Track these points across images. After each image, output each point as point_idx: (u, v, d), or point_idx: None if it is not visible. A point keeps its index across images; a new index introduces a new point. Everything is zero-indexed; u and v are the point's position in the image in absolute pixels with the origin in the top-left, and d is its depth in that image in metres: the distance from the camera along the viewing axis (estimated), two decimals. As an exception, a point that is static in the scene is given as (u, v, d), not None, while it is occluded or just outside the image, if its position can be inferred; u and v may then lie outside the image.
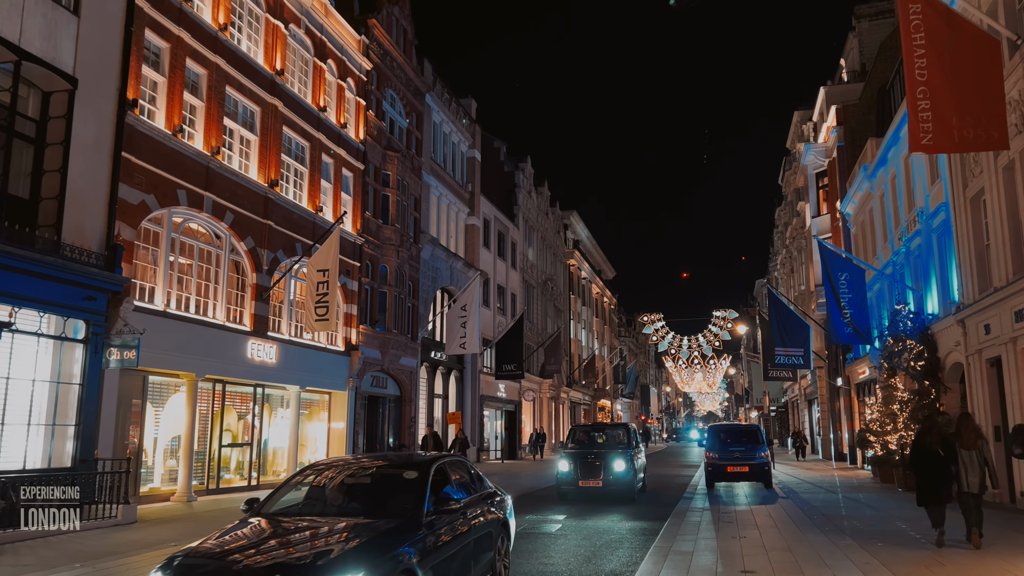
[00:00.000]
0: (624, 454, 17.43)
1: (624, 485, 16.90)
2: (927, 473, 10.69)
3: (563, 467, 17.46)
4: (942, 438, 10.76)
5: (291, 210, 20.60)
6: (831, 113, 33.41)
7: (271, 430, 21.20)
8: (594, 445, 19.02)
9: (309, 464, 7.86)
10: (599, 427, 22.22)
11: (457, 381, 34.20)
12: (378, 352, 25.12)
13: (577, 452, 17.75)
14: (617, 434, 19.79)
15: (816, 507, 15.76)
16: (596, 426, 22.65)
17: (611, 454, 17.28)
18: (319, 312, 19.01)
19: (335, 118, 23.43)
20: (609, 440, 19.54)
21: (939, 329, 19.05)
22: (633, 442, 18.77)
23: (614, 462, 16.98)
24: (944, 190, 18.13)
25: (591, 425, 23.18)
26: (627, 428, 19.70)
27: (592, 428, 21.46)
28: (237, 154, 18.85)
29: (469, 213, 35.88)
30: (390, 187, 26.34)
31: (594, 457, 17.25)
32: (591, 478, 16.90)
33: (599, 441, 19.63)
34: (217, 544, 5.68)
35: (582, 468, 17.06)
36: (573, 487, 17.12)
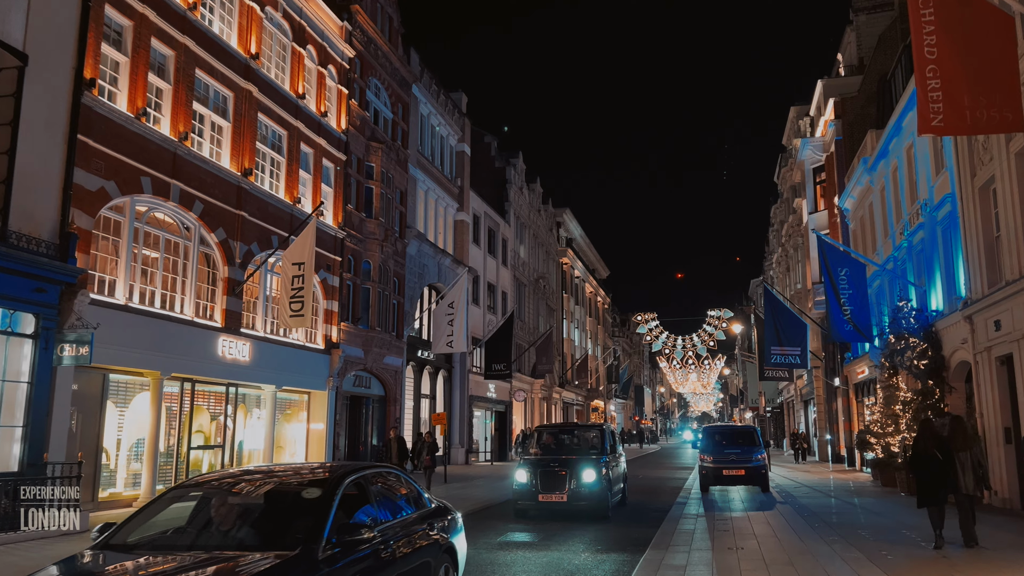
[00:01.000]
0: (596, 461, 14.70)
1: (594, 499, 14.16)
2: (925, 475, 10.76)
3: (520, 477, 14.54)
4: (938, 440, 10.84)
5: (267, 201, 19.66)
6: (829, 106, 32.61)
7: (246, 431, 20.25)
8: (561, 450, 16.16)
9: (190, 479, 6.15)
10: (568, 428, 19.56)
11: (445, 381, 33.29)
12: (360, 350, 24.19)
13: (539, 459, 15.11)
14: (589, 436, 16.94)
15: (816, 513, 14.90)
16: (565, 427, 19.80)
17: (580, 462, 14.53)
18: (294, 307, 18.07)
19: (315, 106, 22.50)
20: (580, 444, 16.83)
21: (944, 326, 18.22)
22: (608, 446, 15.89)
23: (583, 471, 14.19)
24: (950, 180, 17.29)
25: (559, 426, 20.05)
26: (601, 430, 16.67)
27: (560, 429, 18.58)
28: (208, 141, 17.91)
29: (458, 209, 34.97)
30: (374, 179, 25.41)
31: (558, 465, 14.46)
32: (554, 491, 14.10)
33: (568, 445, 16.80)
34: None
35: (543, 479, 14.26)
36: (532, 503, 14.31)
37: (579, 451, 15.97)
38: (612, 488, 14.97)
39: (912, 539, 11.30)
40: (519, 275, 44.69)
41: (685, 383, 78.85)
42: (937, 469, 10.59)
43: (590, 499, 14.14)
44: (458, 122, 35.38)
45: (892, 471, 19.59)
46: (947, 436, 10.93)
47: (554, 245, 55.01)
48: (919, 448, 10.91)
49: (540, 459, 15.10)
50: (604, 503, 14.32)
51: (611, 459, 15.67)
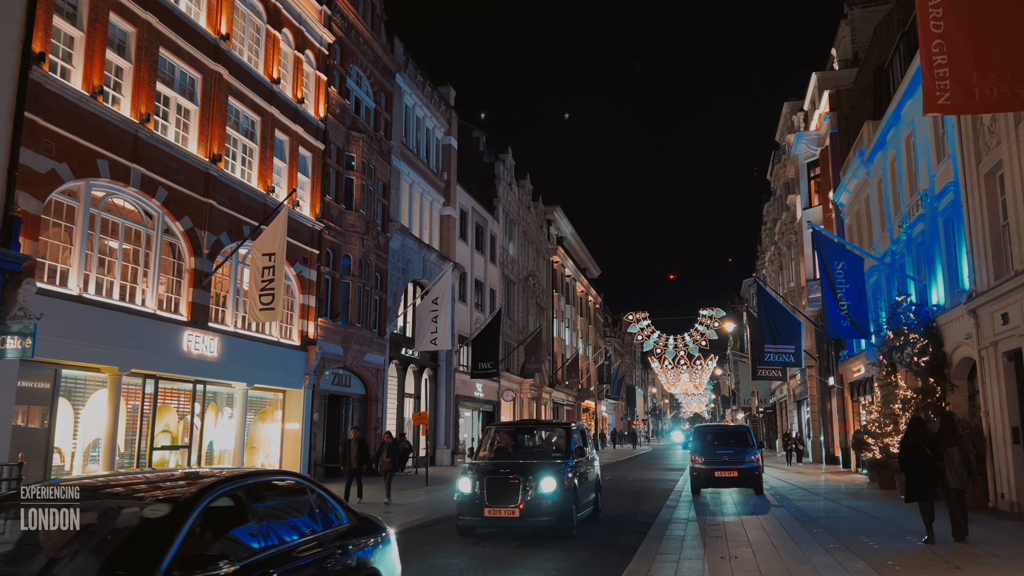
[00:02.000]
0: (558, 467, 12.20)
1: (554, 514, 11.61)
2: (915, 471, 10.95)
3: (463, 487, 11.94)
4: (927, 436, 11.11)
5: (238, 189, 18.73)
6: (823, 99, 31.87)
7: (217, 431, 19.32)
8: (518, 453, 13.64)
9: (24, 488, 4.39)
10: (528, 427, 16.30)
11: (430, 380, 32.38)
12: (339, 347, 23.26)
13: (488, 464, 12.50)
14: (553, 437, 14.44)
15: (814, 517, 14.06)
16: (524, 426, 16.54)
17: (538, 468, 12.00)
18: (264, 300, 17.15)
19: (291, 92, 21.57)
20: (542, 446, 14.46)
21: (945, 321, 17.42)
22: (575, 449, 13.27)
23: (541, 479, 11.66)
24: (953, 168, 16.50)
25: (517, 424, 16.70)
26: (568, 429, 13.98)
27: (518, 428, 15.61)
28: (174, 124, 16.97)
29: (444, 203, 34.08)
30: (354, 170, 24.49)
31: (511, 471, 11.95)
32: (504, 503, 11.49)
33: (527, 447, 14.37)
34: None
35: (490, 488, 11.63)
36: (476, 518, 11.76)
37: (540, 454, 13.55)
38: (579, 499, 12.55)
39: (918, 546, 10.47)
40: (508, 273, 43.82)
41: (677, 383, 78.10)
42: (926, 465, 10.81)
43: (549, 513, 11.60)
44: (445, 115, 34.49)
45: (891, 473, 18.77)
46: (936, 432, 11.24)
47: (544, 243, 54.17)
48: (908, 444, 11.18)
49: (490, 464, 12.57)
50: (567, 518, 11.81)
51: (579, 464, 13.16)
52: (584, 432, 14.84)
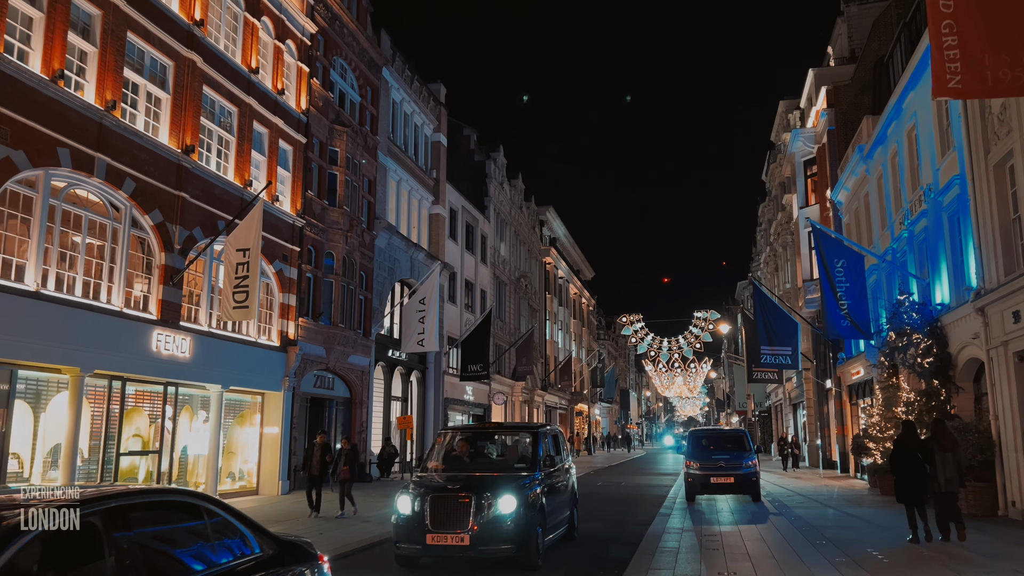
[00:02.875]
0: (519, 482, 10.04)
1: (513, 541, 9.42)
2: (906, 473, 11.32)
3: (402, 506, 9.78)
4: (920, 441, 11.56)
5: (212, 182, 17.91)
6: (821, 96, 31.19)
7: (191, 435, 18.48)
8: (475, 463, 11.39)
9: None
10: (489, 432, 13.54)
11: (419, 382, 31.54)
12: (322, 348, 22.43)
13: (435, 479, 10.53)
14: (518, 444, 12.09)
15: (815, 526, 13.31)
16: (485, 430, 13.68)
17: (497, 483, 9.88)
18: (238, 298, 16.33)
19: (271, 83, 20.77)
20: (504, 455, 12.27)
21: (951, 320, 16.71)
22: (544, 458, 11.06)
23: (499, 498, 9.49)
24: (959, 160, 15.80)
25: (474, 428, 13.91)
26: (536, 434, 11.54)
27: (477, 433, 12.97)
28: (143, 113, 16.15)
29: (434, 201, 33.28)
30: (338, 165, 23.68)
31: (460, 488, 9.80)
32: (450, 528, 9.33)
33: (486, 456, 12.10)
34: None
35: (435, 509, 9.46)
36: (417, 546, 9.56)
37: (501, 465, 11.44)
38: (548, 520, 10.41)
39: (928, 556, 9.73)
40: (499, 273, 43.05)
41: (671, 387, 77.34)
42: (917, 468, 11.20)
43: (507, 539, 9.38)
44: (434, 111, 33.72)
45: (892, 478, 17.99)
46: (928, 437, 11.61)
47: (537, 244, 53.42)
48: (900, 447, 11.59)
49: (437, 478, 10.56)
50: (529, 545, 9.57)
51: (549, 477, 11.00)
52: (558, 437, 12.65)
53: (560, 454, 12.35)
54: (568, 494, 12.28)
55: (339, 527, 13.69)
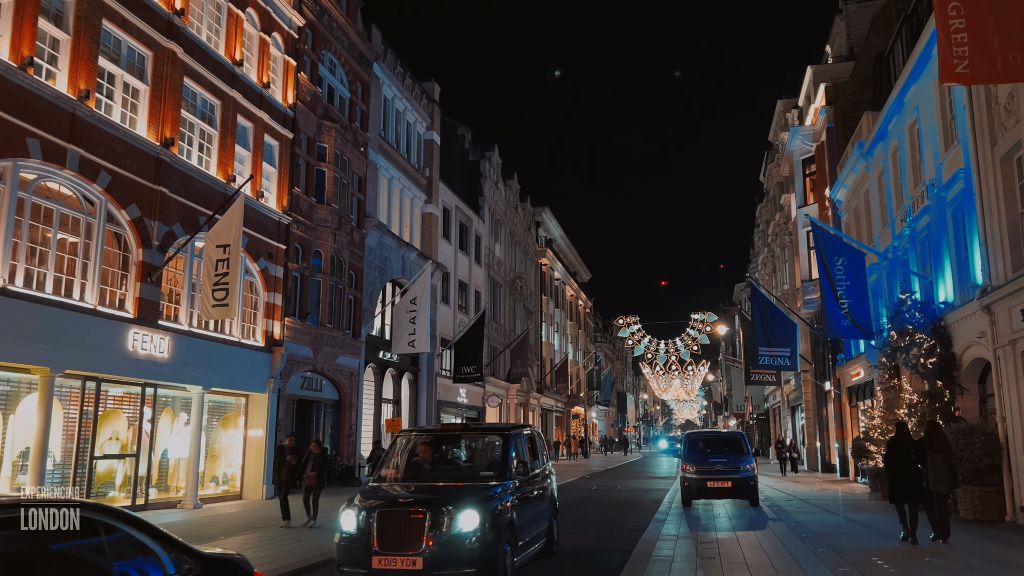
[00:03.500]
0: (485, 493, 8.56)
1: (475, 563, 7.99)
2: (899, 473, 11.48)
3: (346, 523, 8.30)
4: (913, 442, 11.79)
5: (194, 177, 17.35)
6: (819, 93, 30.71)
7: (173, 438, 17.91)
8: (436, 471, 9.74)
9: None
10: (453, 434, 11.45)
11: (411, 384, 30.98)
12: (309, 349, 21.86)
13: (387, 490, 9.03)
14: (486, 450, 10.62)
15: (816, 533, 12.75)
16: (447, 433, 11.35)
17: (457, 495, 8.40)
18: (217, 296, 15.77)
19: (256, 76, 20.22)
20: (471, 461, 10.64)
21: (955, 319, 16.19)
22: (516, 465, 9.48)
23: (460, 513, 8.04)
24: (964, 153, 15.29)
25: (436, 430, 11.39)
26: (506, 437, 9.95)
27: (440, 438, 10.80)
28: (120, 104, 15.60)
29: (426, 200, 32.74)
30: (326, 161, 23.13)
31: (414, 501, 8.41)
32: (400, 550, 7.92)
33: (451, 462, 10.51)
34: None
35: (382, 527, 8.01)
36: (363, 570, 8.06)
37: (465, 473, 9.92)
38: (518, 537, 8.88)
39: (936, 565, 9.18)
40: (494, 274, 42.50)
41: (668, 389, 76.82)
42: (910, 469, 11.37)
43: (467, 561, 7.96)
44: (427, 108, 33.19)
45: (895, 482, 17.46)
46: (922, 439, 11.82)
47: (532, 245, 52.88)
48: (894, 449, 11.71)
49: (389, 489, 9.06)
50: (494, 568, 8.13)
51: (521, 486, 9.43)
52: (535, 439, 11.07)
53: (537, 458, 10.86)
54: (546, 504, 10.73)
55: (305, 538, 12.68)
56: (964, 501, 13.88)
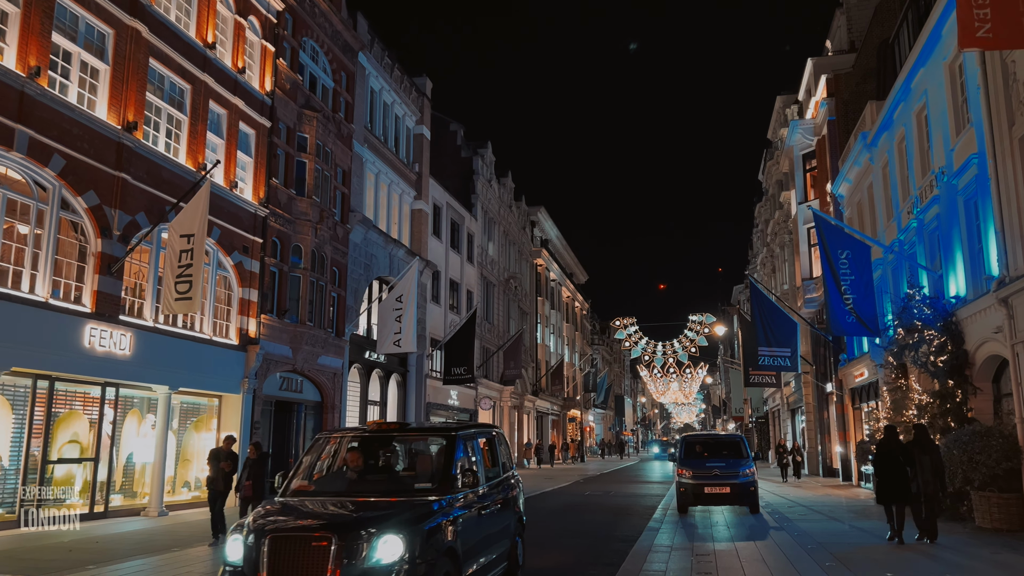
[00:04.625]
0: (416, 513, 6.72)
1: None
2: (887, 476, 11.80)
3: (231, 553, 6.53)
4: (901, 445, 12.11)
5: (160, 164, 16.36)
6: (820, 85, 29.79)
7: (139, 441, 16.91)
8: (362, 484, 7.67)
9: None
10: (386, 437, 8.78)
11: (399, 386, 29.96)
12: (288, 348, 20.86)
13: (289, 508, 7.07)
14: (426, 456, 8.41)
15: (822, 543, 11.77)
16: (379, 435, 8.72)
17: (380, 515, 6.60)
18: (180, 289, 14.76)
19: (230, 61, 19.25)
20: (408, 471, 8.57)
21: (967, 314, 15.22)
22: (463, 475, 7.62)
23: (378, 540, 6.22)
24: (977, 137, 14.33)
25: (367, 431, 8.81)
26: (453, 439, 7.99)
27: (370, 440, 8.46)
28: (76, 84, 14.62)
29: (416, 197, 31.75)
30: (307, 152, 22.14)
31: (320, 525, 6.58)
32: None
33: (383, 470, 8.36)
34: None
35: (275, 558, 6.25)
36: None
37: (398, 485, 7.86)
38: (464, 567, 7.12)
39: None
40: (487, 274, 41.51)
41: (666, 392, 75.80)
42: (898, 471, 11.69)
43: None
44: (416, 102, 32.22)
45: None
46: (910, 442, 12.18)
47: (528, 245, 51.90)
48: (884, 451, 12.00)
49: (294, 506, 7.09)
50: None
51: (469, 502, 7.55)
52: (494, 443, 9.15)
53: (496, 465, 8.98)
54: (507, 521, 8.74)
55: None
56: (981, 509, 12.89)
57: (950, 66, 15.97)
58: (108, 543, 12.38)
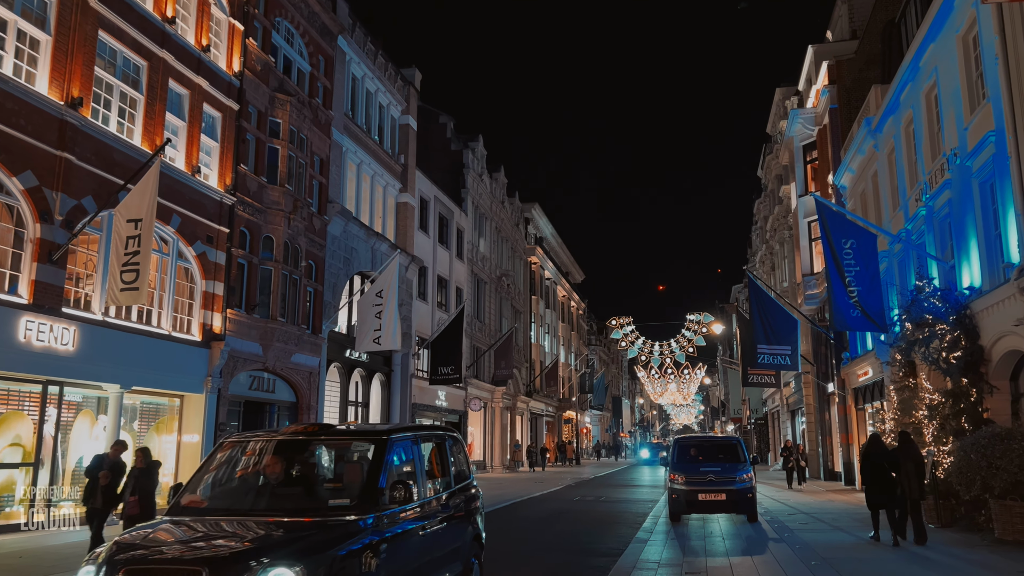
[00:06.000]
0: (321, 539, 5.20)
1: None
2: (874, 481, 12.15)
3: None
4: (887, 451, 12.41)
5: (111, 145, 15.16)
6: (821, 73, 28.61)
7: (92, 444, 15.66)
8: (268, 500, 6.14)
9: None
10: (302, 442, 6.79)
11: (383, 386, 28.75)
12: (258, 345, 19.65)
13: (171, 532, 5.42)
14: (354, 467, 6.60)
15: (827, 559, 10.55)
16: (292, 440, 6.72)
17: (276, 545, 5.04)
18: (126, 278, 13.56)
19: (193, 37, 18.06)
20: (329, 483, 6.81)
21: (983, 307, 14.01)
22: (391, 491, 5.89)
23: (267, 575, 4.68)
24: (995, 111, 13.13)
25: (277, 438, 6.67)
26: (381, 446, 6.24)
27: (283, 446, 6.54)
28: (12, 55, 13.41)
29: (401, 189, 30.55)
30: (280, 138, 20.94)
31: (197, 560, 4.81)
32: None
33: (294, 484, 6.42)
34: None
35: None
36: None
37: (308, 503, 6.14)
38: None
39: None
40: (478, 270, 40.30)
41: (664, 393, 74.51)
42: (883, 476, 12.02)
43: None
44: (402, 91, 31.02)
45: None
46: (895, 448, 12.46)
47: (521, 242, 50.69)
48: (870, 457, 12.32)
49: (176, 527, 5.57)
50: None
51: (401, 522, 6.00)
52: (445, 446, 7.60)
53: (446, 475, 7.45)
54: (460, 540, 7.25)
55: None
56: (1002, 519, 11.69)
57: (963, 38, 14.78)
58: (36, 557, 11.16)
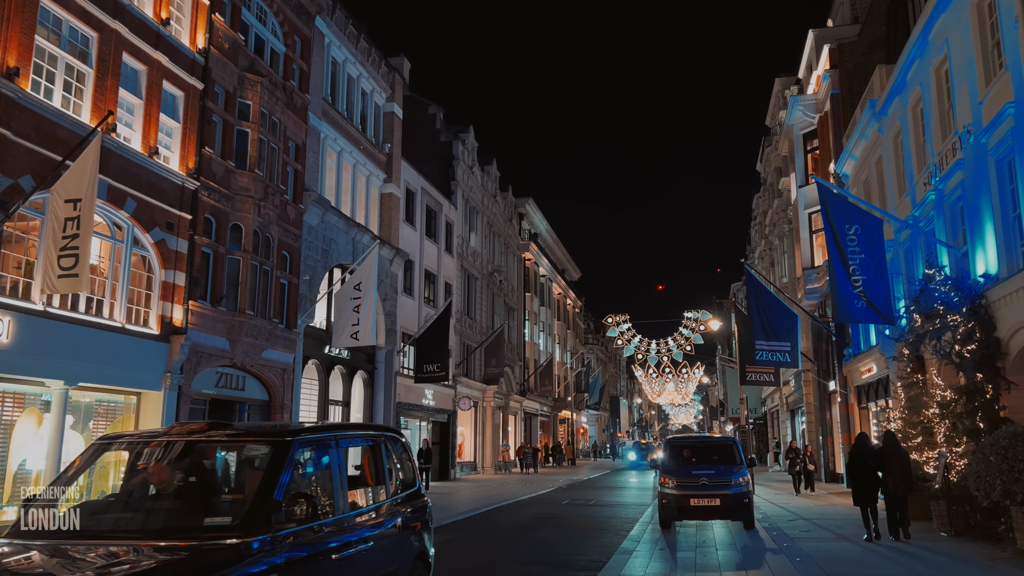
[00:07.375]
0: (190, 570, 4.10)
1: None
2: (860, 480, 12.47)
3: None
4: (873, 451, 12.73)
5: (54, 120, 13.98)
6: (822, 58, 27.48)
7: (37, 446, 14.51)
8: (138, 518, 4.98)
9: None
10: (191, 446, 5.34)
11: (365, 384, 27.57)
12: (224, 340, 18.47)
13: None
14: (255, 475, 5.15)
15: (831, 574, 9.39)
16: (177, 441, 5.34)
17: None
18: (64, 264, 12.38)
19: (151, 10, 16.88)
20: (215, 496, 5.54)
21: (1000, 295, 12.88)
22: (287, 509, 4.61)
23: None
24: (1014, 80, 11.99)
25: (158, 440, 5.46)
26: (282, 451, 4.94)
27: (167, 447, 5.36)
28: (-62, 19, 12.27)
29: (386, 179, 29.37)
30: (250, 121, 19.76)
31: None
32: None
33: (174, 498, 5.08)
34: None
35: None
36: None
37: (178, 523, 4.86)
38: None
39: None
40: (468, 266, 39.13)
41: (662, 393, 73.34)
42: (870, 475, 12.37)
43: None
44: (387, 77, 29.85)
45: (926, 499, 14.11)
46: (880, 448, 12.77)
47: (515, 237, 49.50)
48: (856, 457, 12.73)
49: (12, 556, 4.28)
50: None
51: (302, 545, 4.75)
52: (380, 449, 6.45)
53: (381, 483, 6.33)
54: (396, 562, 6.12)
55: None
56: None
57: (978, 4, 13.64)
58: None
